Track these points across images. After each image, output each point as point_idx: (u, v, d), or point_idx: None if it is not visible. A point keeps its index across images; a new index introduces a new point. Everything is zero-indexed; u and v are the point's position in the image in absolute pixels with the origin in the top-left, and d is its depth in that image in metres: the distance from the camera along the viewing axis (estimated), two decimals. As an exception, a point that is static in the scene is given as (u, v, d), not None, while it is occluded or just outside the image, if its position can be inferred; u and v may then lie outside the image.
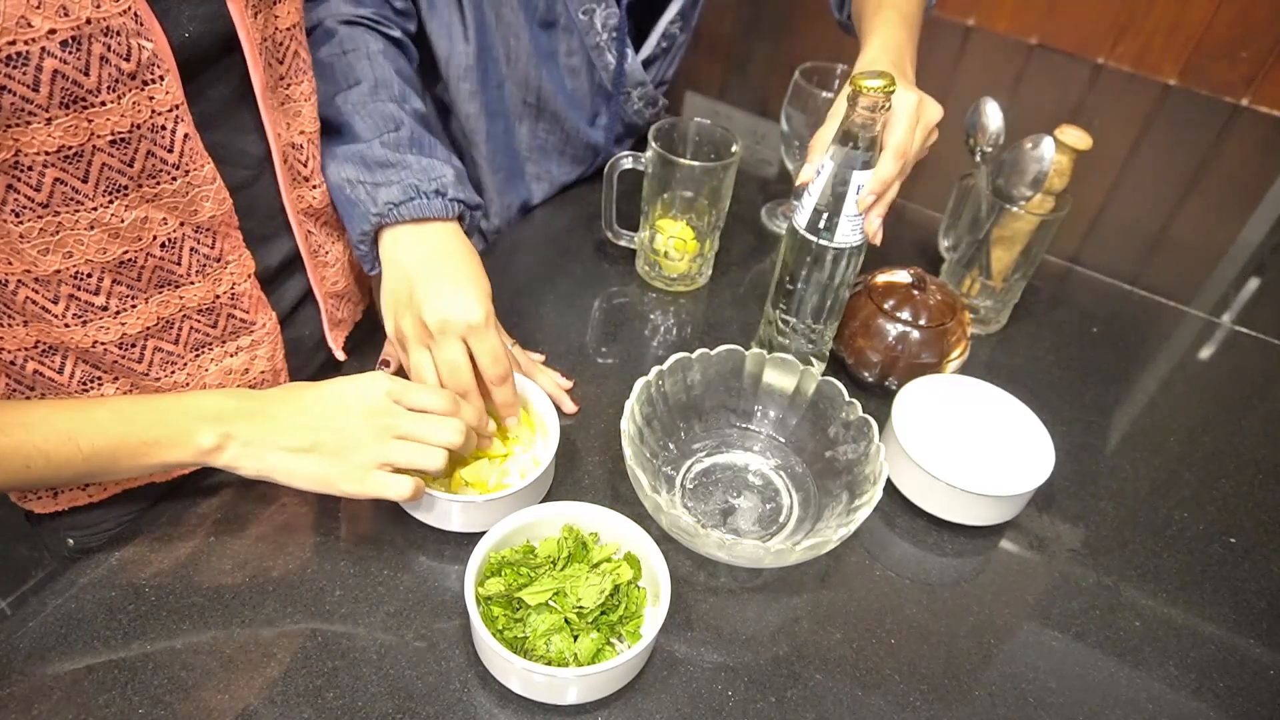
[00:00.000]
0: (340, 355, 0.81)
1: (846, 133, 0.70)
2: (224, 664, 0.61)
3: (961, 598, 0.72)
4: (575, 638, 0.62)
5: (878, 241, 0.75)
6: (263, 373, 0.72)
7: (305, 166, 0.72)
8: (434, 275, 0.69)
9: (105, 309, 0.61)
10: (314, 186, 0.73)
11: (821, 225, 0.74)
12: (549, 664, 0.60)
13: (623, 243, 0.98)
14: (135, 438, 0.59)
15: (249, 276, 0.68)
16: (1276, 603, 0.74)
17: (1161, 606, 0.73)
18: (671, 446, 0.78)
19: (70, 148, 0.53)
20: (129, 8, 0.52)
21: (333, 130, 0.76)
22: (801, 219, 0.75)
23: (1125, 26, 1.53)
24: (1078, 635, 0.70)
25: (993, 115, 0.89)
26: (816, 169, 0.73)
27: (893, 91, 0.66)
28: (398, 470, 0.63)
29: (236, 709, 0.59)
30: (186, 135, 0.58)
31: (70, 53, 0.50)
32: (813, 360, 0.85)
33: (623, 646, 0.63)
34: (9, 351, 0.61)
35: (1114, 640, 0.70)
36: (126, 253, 0.59)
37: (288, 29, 0.66)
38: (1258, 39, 1.45)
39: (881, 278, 0.88)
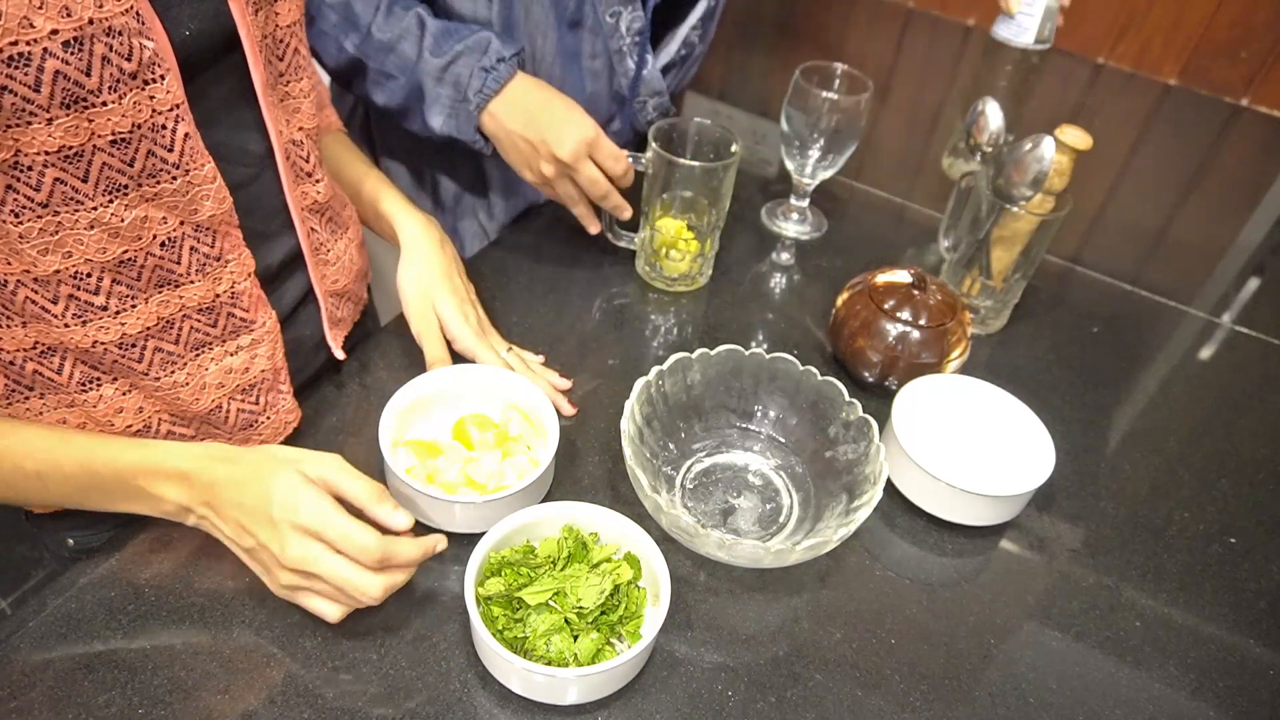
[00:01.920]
0: (340, 354, 0.81)
1: None
2: (224, 664, 0.61)
3: (961, 598, 0.72)
4: (575, 638, 0.62)
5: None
6: (263, 371, 0.72)
7: (307, 162, 0.72)
8: (543, 122, 0.87)
9: (105, 309, 0.61)
10: (317, 181, 0.73)
11: (1045, 34, 0.95)
12: (549, 664, 0.60)
13: (622, 244, 0.98)
14: (100, 491, 0.61)
15: (249, 275, 0.68)
16: (1276, 603, 0.74)
17: (1161, 606, 0.73)
18: (671, 446, 0.78)
19: (71, 148, 0.53)
20: (131, 7, 0.51)
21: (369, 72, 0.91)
22: (1028, 36, 0.97)
23: (1125, 26, 1.53)
24: (1078, 635, 0.70)
25: (993, 115, 0.89)
26: None
27: None
28: None
29: (237, 709, 0.59)
30: (187, 134, 0.58)
31: (72, 53, 0.50)
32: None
33: (623, 646, 0.63)
34: (8, 352, 0.61)
35: (1114, 640, 0.70)
36: (126, 252, 0.59)
37: (288, 26, 0.66)
38: (1258, 39, 1.45)
39: (881, 278, 0.88)
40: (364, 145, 1.10)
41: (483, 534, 0.64)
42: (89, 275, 0.58)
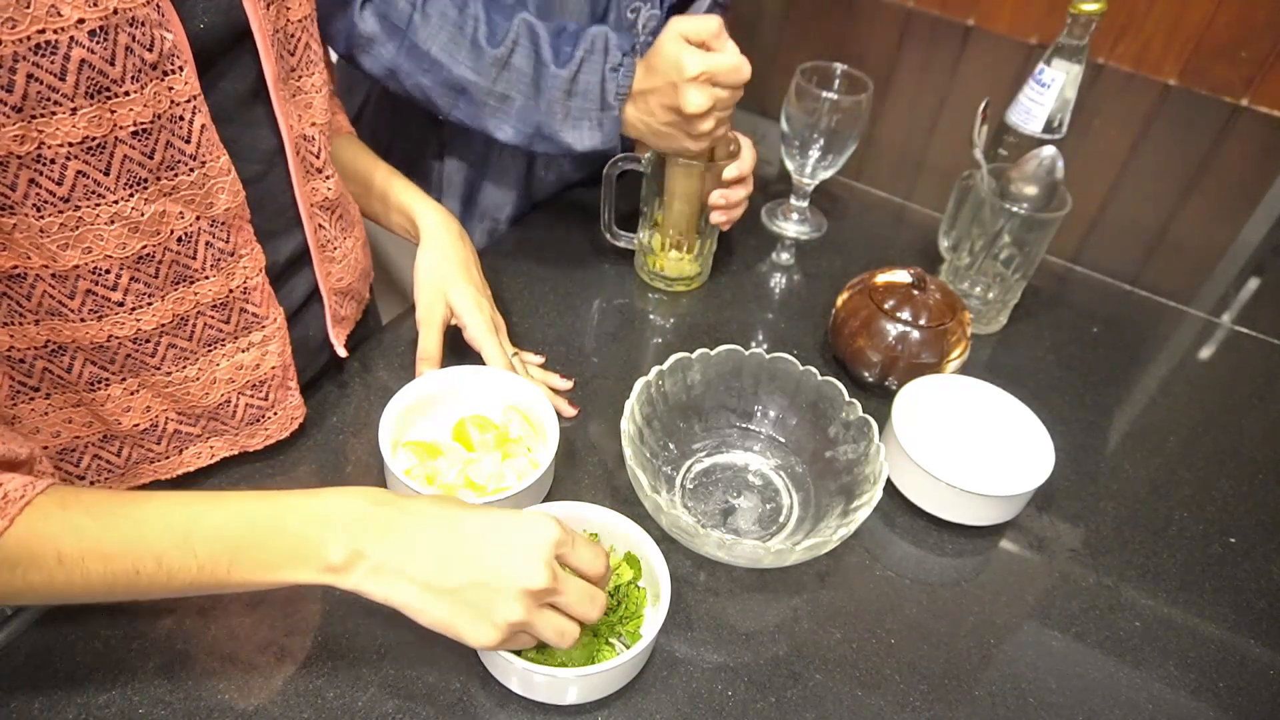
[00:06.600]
0: (342, 352, 0.81)
1: (1066, 48, 0.91)
2: (225, 664, 0.62)
3: (961, 598, 0.72)
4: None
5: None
6: (273, 368, 0.72)
7: (318, 158, 0.72)
8: (667, 92, 0.81)
9: (121, 305, 0.61)
10: (327, 178, 0.73)
11: (1057, 123, 0.94)
12: (549, 664, 0.60)
13: (621, 244, 0.98)
14: (255, 545, 0.53)
15: (260, 270, 0.68)
16: (1276, 603, 0.74)
17: (1161, 606, 0.73)
18: (671, 446, 0.78)
19: (94, 138, 0.53)
20: None
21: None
22: (1036, 124, 0.95)
23: (1125, 26, 1.53)
24: (1078, 635, 0.70)
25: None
26: (1044, 83, 0.93)
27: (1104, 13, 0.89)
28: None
29: (237, 708, 0.59)
30: (204, 126, 0.58)
31: (97, 42, 0.50)
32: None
33: (622, 646, 0.63)
34: (18, 350, 0.61)
35: (1114, 640, 0.70)
36: (145, 247, 0.59)
37: (299, 20, 0.67)
38: (1258, 39, 1.45)
39: (881, 278, 0.88)
40: (375, 143, 1.10)
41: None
42: (108, 271, 0.59)
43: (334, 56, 0.92)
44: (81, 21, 0.49)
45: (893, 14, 1.70)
